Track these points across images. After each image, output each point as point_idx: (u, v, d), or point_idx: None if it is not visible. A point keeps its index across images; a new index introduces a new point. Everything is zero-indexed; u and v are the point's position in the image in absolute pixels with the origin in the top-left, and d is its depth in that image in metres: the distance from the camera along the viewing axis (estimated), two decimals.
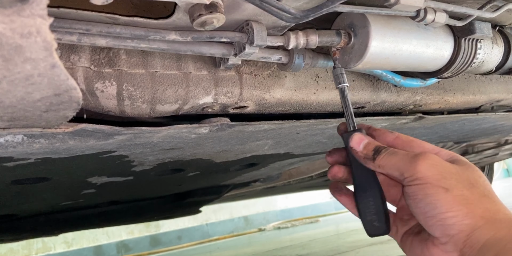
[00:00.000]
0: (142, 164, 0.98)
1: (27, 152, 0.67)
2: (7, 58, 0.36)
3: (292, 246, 3.27)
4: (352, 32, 0.68)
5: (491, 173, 3.88)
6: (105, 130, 0.64)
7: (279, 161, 1.33)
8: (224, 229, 5.71)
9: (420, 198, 0.50)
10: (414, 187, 0.51)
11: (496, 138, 1.89)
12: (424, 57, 0.74)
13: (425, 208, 0.49)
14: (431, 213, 0.49)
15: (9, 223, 1.59)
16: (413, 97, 0.98)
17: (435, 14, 0.65)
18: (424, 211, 0.50)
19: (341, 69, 0.66)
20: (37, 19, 0.34)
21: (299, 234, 4.41)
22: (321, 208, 6.43)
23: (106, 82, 0.63)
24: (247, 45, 0.61)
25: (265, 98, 0.78)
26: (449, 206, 0.48)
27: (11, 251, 4.51)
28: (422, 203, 0.50)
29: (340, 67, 0.66)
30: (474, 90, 1.06)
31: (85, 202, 1.49)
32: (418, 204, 0.50)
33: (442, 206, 0.48)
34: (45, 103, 0.47)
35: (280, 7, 0.52)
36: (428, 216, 0.49)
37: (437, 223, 0.49)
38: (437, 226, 0.49)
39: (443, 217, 0.48)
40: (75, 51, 0.61)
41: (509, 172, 8.38)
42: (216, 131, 0.78)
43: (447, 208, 0.48)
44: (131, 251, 5.12)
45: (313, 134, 1.00)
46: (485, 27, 0.75)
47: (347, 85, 0.65)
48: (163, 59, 0.67)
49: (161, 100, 0.67)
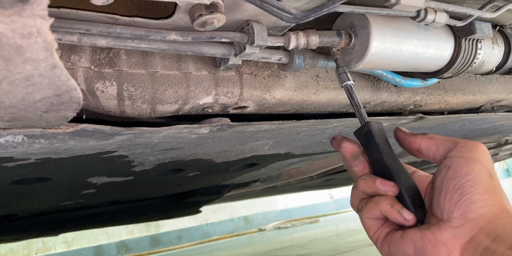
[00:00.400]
0: (143, 164, 0.98)
1: (27, 152, 0.67)
2: (8, 58, 0.36)
3: (292, 246, 3.27)
4: (352, 33, 0.68)
5: None
6: (105, 130, 0.64)
7: (279, 161, 1.33)
8: (224, 229, 5.71)
9: (463, 172, 0.49)
10: (462, 160, 0.50)
11: (496, 138, 1.88)
12: (425, 57, 0.74)
13: (463, 184, 0.49)
14: (465, 191, 0.48)
15: (9, 223, 1.59)
16: (414, 97, 0.98)
17: (436, 14, 0.65)
18: (459, 186, 0.49)
19: (344, 68, 0.66)
20: (38, 20, 0.34)
21: (299, 234, 4.42)
22: (321, 208, 6.43)
23: (107, 82, 0.63)
24: (247, 45, 0.61)
25: (266, 98, 0.78)
26: (485, 191, 0.48)
27: (11, 251, 4.51)
28: (462, 178, 0.49)
29: (343, 66, 0.66)
30: (475, 90, 1.06)
31: (85, 202, 1.49)
32: (457, 178, 0.49)
33: (480, 188, 0.48)
34: (46, 103, 0.47)
35: (281, 7, 0.51)
36: (458, 193, 0.49)
37: (463, 202, 0.48)
38: (460, 206, 0.48)
39: (474, 199, 0.48)
40: (76, 51, 0.61)
41: (509, 172, 8.38)
42: (217, 131, 0.78)
43: (483, 191, 0.48)
44: (131, 251, 5.12)
45: (313, 134, 1.00)
46: (485, 27, 0.75)
47: (352, 83, 0.65)
48: (164, 59, 0.67)
49: (162, 100, 0.67)
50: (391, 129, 1.10)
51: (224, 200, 2.45)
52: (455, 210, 0.49)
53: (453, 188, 0.49)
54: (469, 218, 0.48)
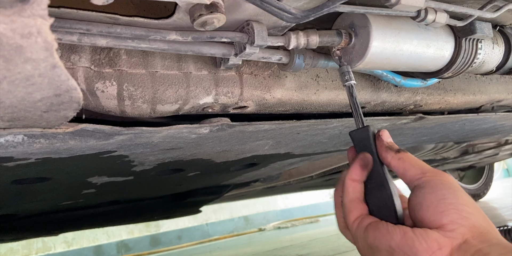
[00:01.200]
0: (142, 164, 0.98)
1: (28, 152, 0.67)
2: (8, 58, 0.36)
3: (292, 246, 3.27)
4: (353, 32, 0.68)
5: (491, 173, 3.88)
6: (105, 130, 0.64)
7: (279, 161, 1.33)
8: (224, 229, 5.71)
9: (442, 187, 0.50)
10: (436, 181, 0.51)
11: (496, 138, 1.89)
12: (425, 57, 0.74)
13: (445, 195, 0.49)
14: (449, 201, 0.48)
15: (9, 222, 1.59)
16: (414, 97, 0.98)
17: (436, 14, 0.65)
18: (441, 197, 0.49)
19: (347, 67, 0.66)
20: (38, 20, 0.34)
21: (299, 234, 4.41)
22: (321, 208, 6.42)
23: (107, 82, 0.63)
24: (247, 45, 0.61)
25: (266, 98, 0.78)
26: (470, 203, 0.49)
27: (11, 251, 4.51)
28: (443, 191, 0.50)
29: (346, 64, 0.66)
30: (475, 90, 1.06)
31: (85, 202, 1.49)
32: (436, 192, 0.50)
33: (464, 200, 0.49)
34: (46, 103, 0.46)
35: (281, 7, 0.51)
36: (443, 203, 0.49)
37: (451, 210, 0.48)
38: (449, 213, 0.48)
39: (461, 208, 0.48)
40: (76, 51, 0.61)
41: (509, 172, 8.37)
42: (217, 131, 0.78)
43: (468, 203, 0.49)
44: (131, 251, 5.12)
45: (313, 134, 1.00)
46: (485, 27, 0.75)
47: (354, 82, 0.65)
48: (164, 59, 0.67)
49: (162, 100, 0.67)
50: (391, 129, 1.10)
51: (224, 200, 2.45)
52: (443, 217, 0.48)
53: (435, 199, 0.50)
54: (460, 224, 0.48)
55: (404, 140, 1.37)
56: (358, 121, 0.62)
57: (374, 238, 0.51)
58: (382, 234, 0.50)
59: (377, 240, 0.50)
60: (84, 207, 1.63)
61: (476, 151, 2.44)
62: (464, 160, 2.64)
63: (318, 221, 5.80)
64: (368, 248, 0.52)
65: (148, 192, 1.62)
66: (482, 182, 3.86)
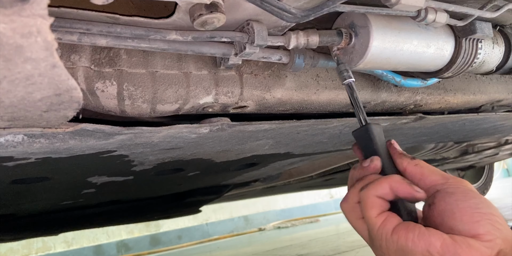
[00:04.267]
0: (142, 163, 0.98)
1: (27, 152, 0.67)
2: (8, 58, 0.36)
3: (292, 246, 3.27)
4: (353, 32, 0.68)
5: (491, 173, 3.88)
6: (105, 130, 0.64)
7: (279, 160, 1.33)
8: (224, 228, 5.71)
9: (471, 195, 0.50)
10: (462, 188, 0.51)
11: (496, 138, 1.88)
12: (425, 57, 0.74)
13: (478, 204, 0.49)
14: (483, 211, 0.48)
15: (9, 222, 1.59)
16: (414, 97, 0.98)
17: (436, 14, 0.65)
18: (474, 206, 0.49)
19: (345, 65, 0.65)
20: (38, 19, 0.34)
21: (299, 234, 4.41)
22: (321, 208, 6.42)
23: (107, 81, 0.63)
24: (247, 45, 0.61)
25: (266, 98, 0.78)
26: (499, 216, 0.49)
27: (11, 251, 4.51)
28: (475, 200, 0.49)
29: (344, 63, 0.66)
30: (475, 90, 1.06)
31: (85, 201, 1.49)
32: (468, 200, 0.50)
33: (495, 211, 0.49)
34: (46, 103, 0.46)
35: (281, 7, 0.51)
36: (477, 213, 0.48)
37: (486, 221, 0.48)
38: (485, 224, 0.48)
39: (495, 220, 0.48)
40: (76, 51, 0.61)
41: (509, 172, 8.38)
42: (217, 131, 0.78)
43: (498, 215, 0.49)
44: (131, 251, 5.12)
45: (313, 134, 1.00)
46: (486, 27, 0.75)
47: (353, 80, 0.64)
48: (164, 59, 0.67)
49: (162, 100, 0.67)
50: (391, 129, 1.10)
51: (224, 199, 2.45)
52: (480, 227, 0.48)
53: (469, 208, 0.49)
54: (495, 235, 0.47)
55: (404, 140, 1.37)
56: (361, 119, 0.60)
57: (407, 240, 0.49)
58: (418, 238, 0.49)
59: (411, 243, 0.49)
60: (84, 206, 1.63)
61: (476, 151, 2.44)
62: (464, 160, 2.64)
63: (318, 221, 5.80)
64: (398, 249, 0.50)
65: (148, 192, 1.62)
66: (482, 182, 3.86)
